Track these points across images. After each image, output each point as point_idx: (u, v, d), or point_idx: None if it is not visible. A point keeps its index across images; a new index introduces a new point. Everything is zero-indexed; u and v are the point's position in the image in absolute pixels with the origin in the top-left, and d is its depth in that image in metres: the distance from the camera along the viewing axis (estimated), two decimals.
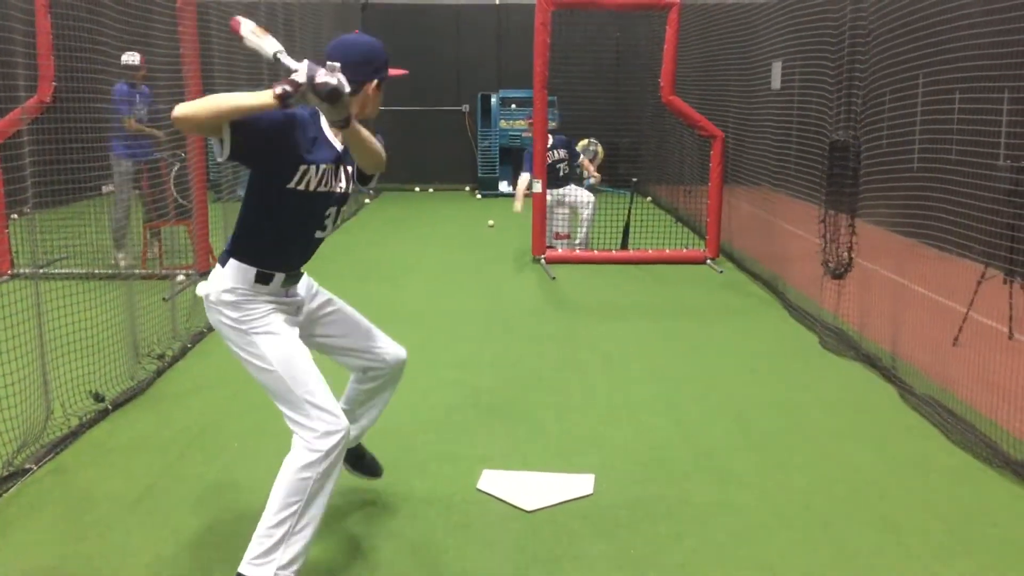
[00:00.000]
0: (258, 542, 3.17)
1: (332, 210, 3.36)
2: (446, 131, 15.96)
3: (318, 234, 3.38)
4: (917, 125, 6.38)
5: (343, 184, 3.33)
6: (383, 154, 3.26)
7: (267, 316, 3.26)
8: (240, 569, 3.18)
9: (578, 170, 10.48)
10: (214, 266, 3.36)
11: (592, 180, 10.14)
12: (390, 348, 3.72)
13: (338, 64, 2.93)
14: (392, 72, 3.34)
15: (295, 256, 3.36)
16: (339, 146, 3.28)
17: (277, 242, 3.26)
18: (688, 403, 5.38)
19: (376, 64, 3.28)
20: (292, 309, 3.40)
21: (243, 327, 3.23)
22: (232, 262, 3.25)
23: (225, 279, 3.25)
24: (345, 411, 3.56)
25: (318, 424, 3.19)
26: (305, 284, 3.51)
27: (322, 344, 3.60)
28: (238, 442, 4.72)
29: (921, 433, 4.91)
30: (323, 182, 3.22)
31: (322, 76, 2.86)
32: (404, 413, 5.12)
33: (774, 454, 4.64)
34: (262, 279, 3.25)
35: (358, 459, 4.03)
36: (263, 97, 2.89)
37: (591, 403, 5.37)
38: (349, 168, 3.36)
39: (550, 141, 9.95)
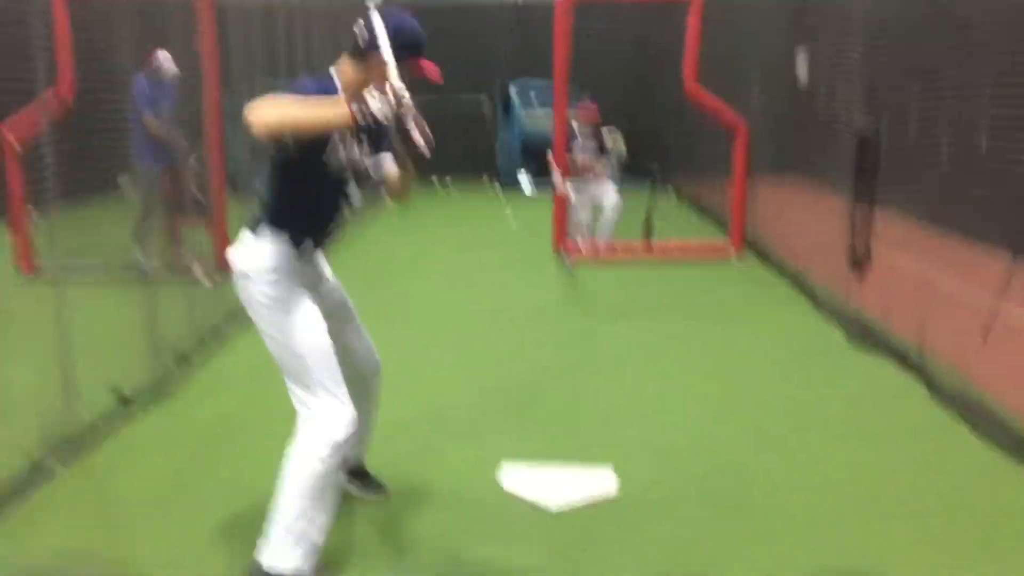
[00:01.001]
0: (273, 532, 3.20)
1: (353, 182, 3.39)
2: (465, 122, 15.88)
3: (339, 203, 3.43)
4: (945, 115, 6.27)
5: (358, 154, 3.33)
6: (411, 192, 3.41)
7: (301, 297, 3.31)
8: (257, 558, 3.21)
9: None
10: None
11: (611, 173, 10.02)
12: (373, 353, 3.77)
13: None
14: (422, 63, 3.23)
15: (323, 224, 3.40)
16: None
17: (307, 210, 3.31)
18: (711, 401, 5.32)
19: (393, 41, 3.13)
20: (315, 280, 3.45)
21: (277, 303, 3.25)
22: (265, 228, 3.27)
23: (261, 249, 3.26)
24: None
25: (327, 408, 3.21)
26: (325, 264, 3.58)
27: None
28: (262, 439, 4.69)
29: (949, 430, 4.83)
30: (343, 146, 3.24)
31: (414, 133, 2.92)
32: (422, 409, 5.11)
33: (798, 452, 4.57)
34: (295, 242, 3.28)
35: (364, 477, 4.05)
36: (334, 114, 2.90)
37: (612, 401, 5.32)
38: (363, 136, 3.32)
39: (590, 130, 9.89)
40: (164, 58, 7.74)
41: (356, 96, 2.99)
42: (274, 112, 2.88)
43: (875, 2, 6.63)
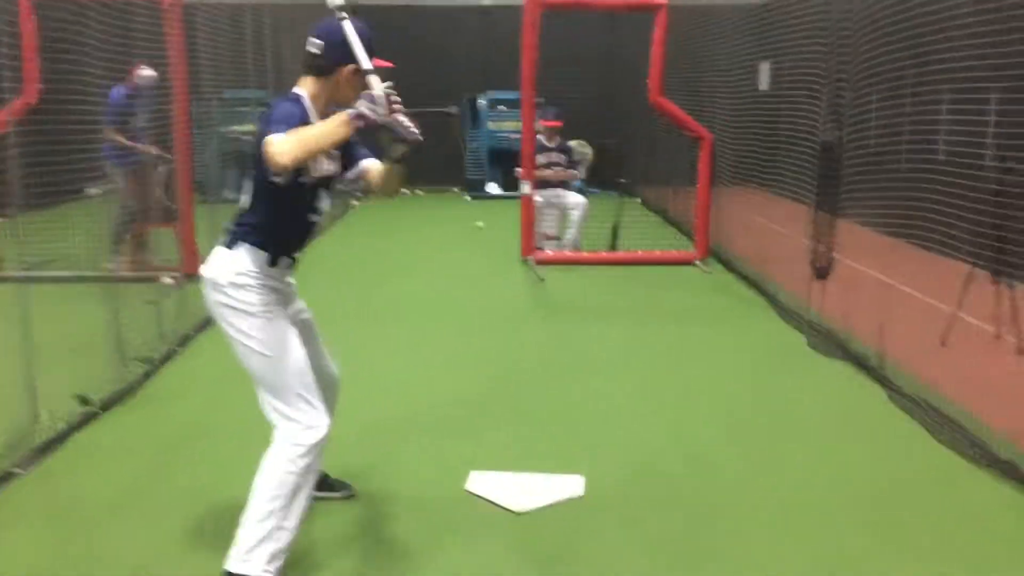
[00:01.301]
0: (243, 538, 3.19)
1: (323, 192, 3.44)
2: (434, 133, 15.76)
3: (313, 218, 3.46)
4: (905, 125, 6.41)
5: (328, 167, 3.37)
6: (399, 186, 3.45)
7: (274, 305, 3.33)
8: (226, 566, 3.18)
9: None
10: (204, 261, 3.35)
11: (579, 183, 10.14)
12: (333, 368, 3.81)
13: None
14: (376, 62, 3.27)
15: (298, 241, 3.44)
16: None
17: (283, 228, 3.35)
18: (677, 405, 5.38)
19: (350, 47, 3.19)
20: (287, 299, 3.48)
21: (251, 309, 3.26)
22: (243, 245, 3.29)
23: (238, 262, 3.28)
24: None
25: (303, 417, 3.24)
26: (293, 283, 3.58)
27: None
28: (225, 444, 4.70)
29: (908, 433, 4.92)
30: (319, 166, 3.29)
31: (412, 129, 3.08)
32: (391, 414, 5.13)
33: (763, 455, 4.64)
34: (272, 262, 3.32)
35: (323, 481, 3.93)
36: (342, 131, 3.00)
37: (580, 405, 5.36)
38: (334, 151, 3.37)
39: (557, 141, 9.95)
40: (146, 74, 7.70)
41: (327, 111, 3.07)
42: (295, 146, 2.93)
43: (838, 14, 6.76)
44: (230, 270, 3.27)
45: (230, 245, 3.31)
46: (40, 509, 3.99)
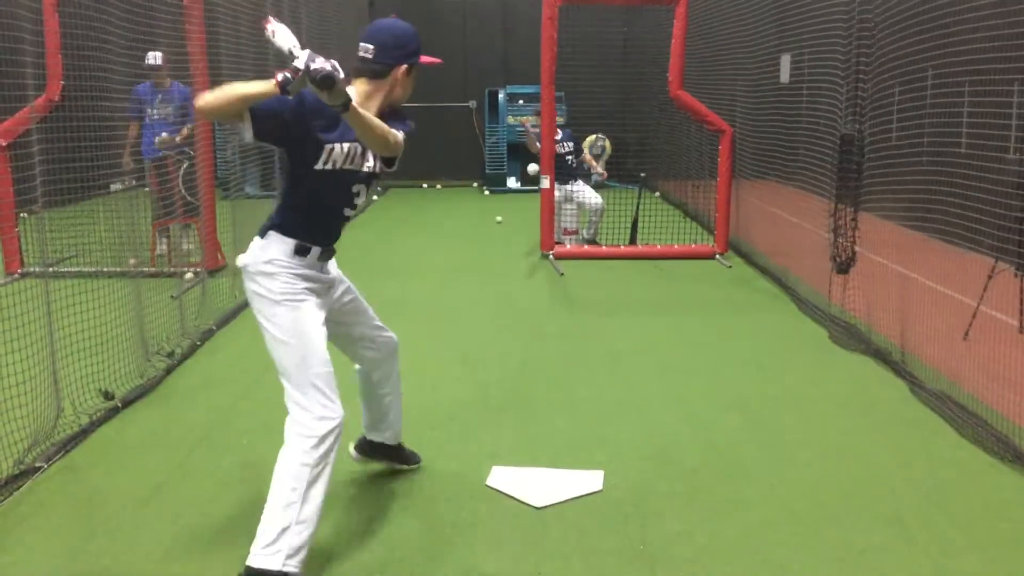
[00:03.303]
0: (263, 533, 3.22)
1: (360, 188, 3.50)
2: (453, 127, 15.93)
3: (347, 211, 3.54)
4: (926, 118, 6.35)
5: (371, 163, 3.45)
6: (391, 137, 3.27)
7: (300, 293, 3.40)
8: (248, 561, 3.21)
9: (585, 165, 10.49)
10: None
11: (597, 176, 10.16)
12: (387, 333, 3.94)
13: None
14: (424, 59, 3.47)
15: (328, 231, 3.52)
16: None
17: (311, 218, 3.42)
18: (697, 398, 5.37)
19: (407, 49, 3.40)
20: (324, 289, 3.54)
21: (275, 296, 3.35)
22: (272, 234, 3.40)
23: (266, 250, 3.39)
24: (375, 421, 4.01)
25: (316, 407, 3.29)
26: (335, 267, 3.66)
27: (341, 333, 3.73)
28: (248, 439, 4.74)
29: (931, 427, 4.89)
30: (350, 160, 3.37)
31: (317, 63, 2.98)
32: (412, 409, 5.12)
33: (783, 449, 4.63)
34: (301, 251, 3.40)
35: (399, 453, 4.26)
36: (267, 85, 3.07)
37: (600, 399, 5.36)
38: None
39: (558, 135, 9.95)
40: (151, 57, 7.80)
41: (382, 111, 3.24)
42: (213, 93, 3.08)
43: (859, 5, 6.71)
44: (258, 258, 3.38)
45: (262, 234, 3.42)
46: (64, 502, 4.04)
